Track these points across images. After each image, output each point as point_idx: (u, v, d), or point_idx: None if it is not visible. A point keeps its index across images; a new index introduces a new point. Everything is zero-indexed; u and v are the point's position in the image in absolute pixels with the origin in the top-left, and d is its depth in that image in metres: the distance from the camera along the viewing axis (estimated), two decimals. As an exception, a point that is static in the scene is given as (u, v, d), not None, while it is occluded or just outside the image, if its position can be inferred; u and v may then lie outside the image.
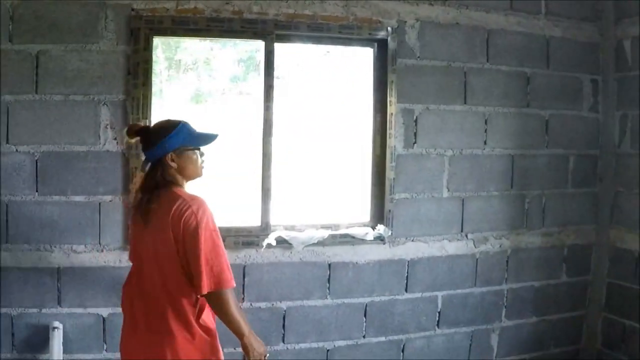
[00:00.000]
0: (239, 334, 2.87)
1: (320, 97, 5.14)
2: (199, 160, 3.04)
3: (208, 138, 3.07)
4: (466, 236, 4.64)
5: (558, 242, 4.96)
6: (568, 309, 5.06)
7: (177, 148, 2.95)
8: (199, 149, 3.03)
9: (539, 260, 4.90)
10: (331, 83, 5.13)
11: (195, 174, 3.06)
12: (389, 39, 4.35)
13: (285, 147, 4.64)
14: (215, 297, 2.81)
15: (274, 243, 4.16)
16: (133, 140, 3.09)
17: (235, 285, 2.86)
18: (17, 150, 3.79)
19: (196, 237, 2.75)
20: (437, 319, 4.63)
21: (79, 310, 3.93)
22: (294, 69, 5.08)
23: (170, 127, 2.98)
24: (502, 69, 4.66)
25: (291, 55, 4.83)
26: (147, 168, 3.03)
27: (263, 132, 4.18)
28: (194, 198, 2.88)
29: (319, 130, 5.20)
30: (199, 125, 3.07)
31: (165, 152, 2.93)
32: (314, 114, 5.15)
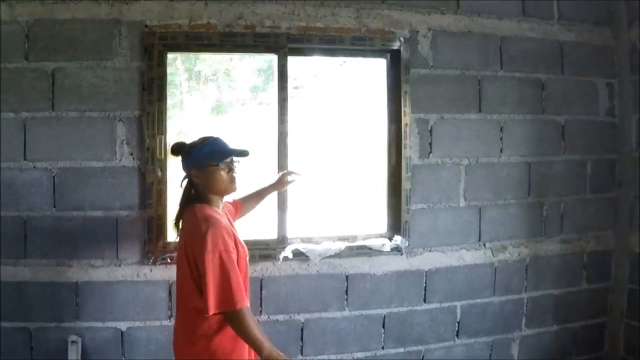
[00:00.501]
0: (258, 352, 2.89)
1: (335, 108, 5.15)
2: (224, 175, 3.07)
3: (228, 153, 3.09)
4: (484, 245, 4.61)
5: (577, 248, 4.91)
6: (589, 316, 5.00)
7: (200, 163, 3.04)
8: (221, 164, 3.05)
9: (558, 268, 4.84)
10: (346, 93, 5.15)
11: (222, 190, 3.12)
12: (401, 49, 4.35)
13: (302, 158, 4.65)
14: (228, 317, 2.87)
15: (290, 256, 4.16)
16: (176, 158, 3.18)
17: (246, 305, 2.90)
18: (34, 167, 3.86)
19: (203, 258, 2.80)
20: (456, 329, 4.60)
21: (98, 324, 3.97)
22: (310, 80, 5.11)
23: (197, 143, 3.09)
24: (516, 76, 4.63)
25: (307, 66, 4.85)
26: (183, 184, 3.18)
27: (278, 144, 4.20)
28: (207, 218, 2.92)
29: (335, 142, 5.21)
30: (224, 138, 3.12)
31: (189, 168, 3.09)
32: (330, 124, 5.16)
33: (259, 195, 3.87)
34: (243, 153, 3.14)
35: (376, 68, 4.62)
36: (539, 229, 4.78)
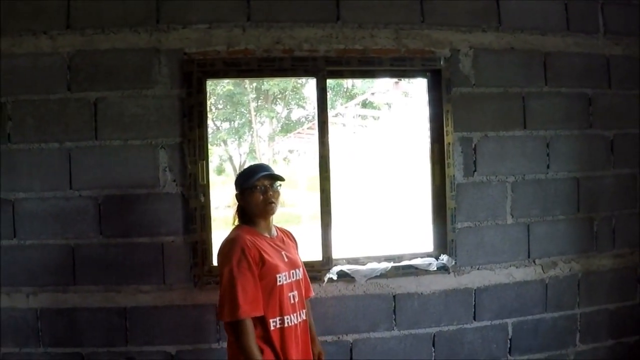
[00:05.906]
0: None
1: (380, 129, 4.67)
2: (260, 198, 2.88)
3: (255, 176, 2.89)
4: (534, 262, 4.01)
5: (631, 263, 4.24)
6: (645, 331, 4.32)
7: (239, 187, 2.93)
8: (257, 188, 2.87)
9: (612, 283, 4.20)
10: (390, 114, 4.66)
11: (257, 212, 2.91)
12: (442, 68, 3.81)
13: (347, 180, 4.18)
14: (231, 326, 2.75)
15: (335, 277, 3.68)
16: None
17: (244, 316, 2.66)
18: (80, 195, 3.53)
19: (220, 273, 2.76)
20: (508, 346, 4.00)
21: (147, 348, 3.59)
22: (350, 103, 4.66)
23: (241, 170, 3.10)
24: (561, 92, 4.04)
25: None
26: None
27: (319, 168, 3.72)
28: (231, 239, 2.82)
29: (380, 162, 4.72)
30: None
31: (236, 192, 2.98)
32: (374, 145, 4.68)
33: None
34: (271, 176, 2.90)
35: (418, 87, 4.10)
36: (590, 244, 4.14)
